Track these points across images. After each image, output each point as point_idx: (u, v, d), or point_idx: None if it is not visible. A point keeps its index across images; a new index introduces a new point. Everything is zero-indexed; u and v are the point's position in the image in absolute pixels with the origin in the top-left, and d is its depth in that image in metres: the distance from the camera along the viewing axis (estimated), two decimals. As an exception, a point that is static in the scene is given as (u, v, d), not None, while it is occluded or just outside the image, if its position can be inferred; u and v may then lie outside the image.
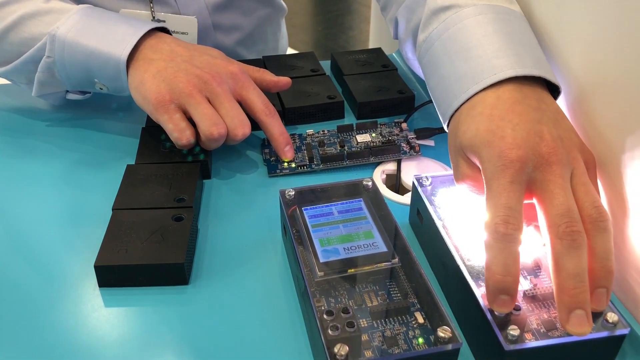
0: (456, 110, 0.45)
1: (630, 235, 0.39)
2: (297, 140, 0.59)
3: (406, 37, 0.59)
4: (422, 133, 0.59)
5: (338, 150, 0.57)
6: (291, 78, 0.67)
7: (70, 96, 0.62)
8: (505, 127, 0.40)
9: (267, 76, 0.59)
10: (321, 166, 0.56)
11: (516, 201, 0.37)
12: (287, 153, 0.56)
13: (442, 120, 0.47)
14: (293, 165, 0.56)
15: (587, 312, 0.34)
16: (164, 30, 0.59)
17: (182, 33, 0.71)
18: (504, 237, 0.36)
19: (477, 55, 0.45)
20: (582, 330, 0.34)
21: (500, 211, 0.37)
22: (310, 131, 0.59)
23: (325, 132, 0.59)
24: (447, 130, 0.47)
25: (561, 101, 0.45)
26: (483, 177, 0.39)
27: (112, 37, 0.55)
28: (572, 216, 0.36)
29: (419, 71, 0.59)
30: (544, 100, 0.43)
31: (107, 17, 0.57)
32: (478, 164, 0.41)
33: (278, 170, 0.55)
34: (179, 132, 0.52)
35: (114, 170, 0.55)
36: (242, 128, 0.52)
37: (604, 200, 0.41)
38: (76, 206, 0.52)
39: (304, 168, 0.56)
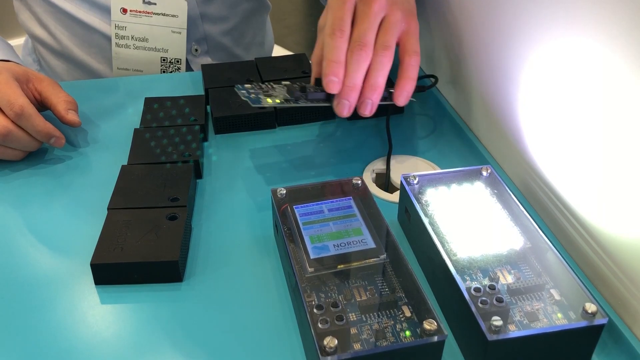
0: None
1: (605, 227, 0.41)
2: (274, 86, 0.57)
3: None
4: None
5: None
6: (282, 79, 0.68)
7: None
8: None
9: (60, 107, 0.60)
10: (308, 102, 0.54)
11: (345, 15, 0.53)
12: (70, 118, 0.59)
13: None
14: (278, 100, 0.54)
15: (351, 103, 0.52)
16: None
17: (172, 16, 0.74)
18: (335, 34, 0.52)
19: None
20: (340, 112, 0.52)
21: (336, 20, 0.52)
22: (286, 83, 0.57)
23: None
24: None
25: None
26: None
27: None
28: (366, 39, 0.52)
29: None
30: None
31: None
32: None
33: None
34: None
35: (108, 170, 0.55)
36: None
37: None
38: (72, 206, 0.53)
39: (289, 102, 0.54)
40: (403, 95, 0.55)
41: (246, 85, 0.55)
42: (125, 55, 0.77)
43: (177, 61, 0.78)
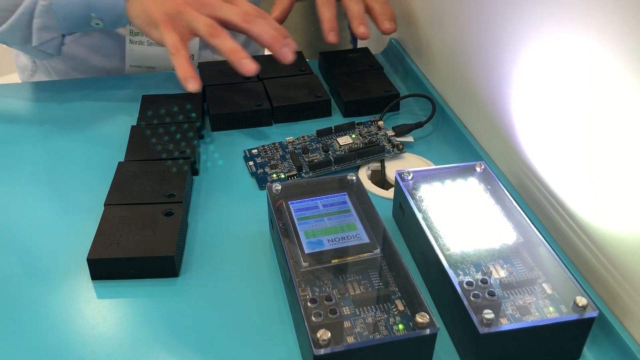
0: None
1: (596, 222, 0.41)
2: (279, 150, 0.59)
3: None
4: (401, 129, 0.60)
5: (323, 156, 0.57)
6: (280, 77, 0.69)
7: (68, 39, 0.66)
8: None
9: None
10: (311, 174, 0.56)
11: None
12: (284, 55, 0.58)
13: None
14: (282, 175, 0.55)
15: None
16: None
17: None
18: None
19: None
20: (362, 33, 0.62)
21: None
22: (290, 138, 0.60)
23: (306, 137, 0.60)
24: None
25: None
26: None
27: None
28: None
29: None
30: None
31: None
32: None
33: (269, 183, 0.55)
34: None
35: (105, 167, 0.56)
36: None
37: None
38: (69, 202, 0.53)
39: (293, 178, 0.55)
40: (387, 18, 0.59)
41: (253, 151, 0.58)
42: (139, 52, 0.77)
43: (190, 56, 0.78)
